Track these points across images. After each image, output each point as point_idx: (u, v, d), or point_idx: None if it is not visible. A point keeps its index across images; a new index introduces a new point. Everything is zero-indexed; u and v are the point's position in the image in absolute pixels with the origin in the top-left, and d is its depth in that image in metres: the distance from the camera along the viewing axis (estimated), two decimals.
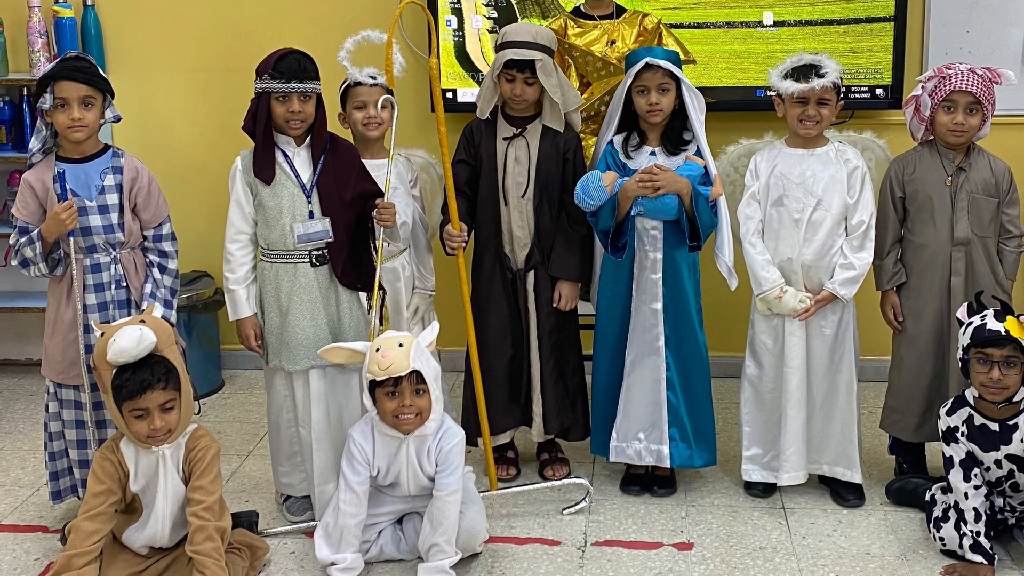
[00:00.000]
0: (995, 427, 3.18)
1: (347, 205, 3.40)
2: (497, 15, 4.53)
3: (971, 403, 3.23)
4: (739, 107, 4.44)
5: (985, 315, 3.15)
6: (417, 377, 3.09)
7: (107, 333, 2.99)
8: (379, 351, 3.08)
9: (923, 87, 3.52)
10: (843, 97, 3.55)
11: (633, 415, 3.63)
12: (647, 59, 3.44)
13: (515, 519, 3.55)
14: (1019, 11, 4.40)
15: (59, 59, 3.30)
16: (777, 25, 4.43)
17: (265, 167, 3.34)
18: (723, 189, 3.54)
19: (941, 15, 4.42)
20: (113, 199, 3.31)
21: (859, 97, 4.44)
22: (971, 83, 3.40)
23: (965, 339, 3.17)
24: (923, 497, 3.42)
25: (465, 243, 3.57)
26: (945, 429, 3.26)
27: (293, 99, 3.27)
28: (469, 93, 4.54)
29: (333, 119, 3.53)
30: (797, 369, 3.54)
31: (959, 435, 3.22)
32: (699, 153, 3.52)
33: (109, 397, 3.01)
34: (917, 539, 3.38)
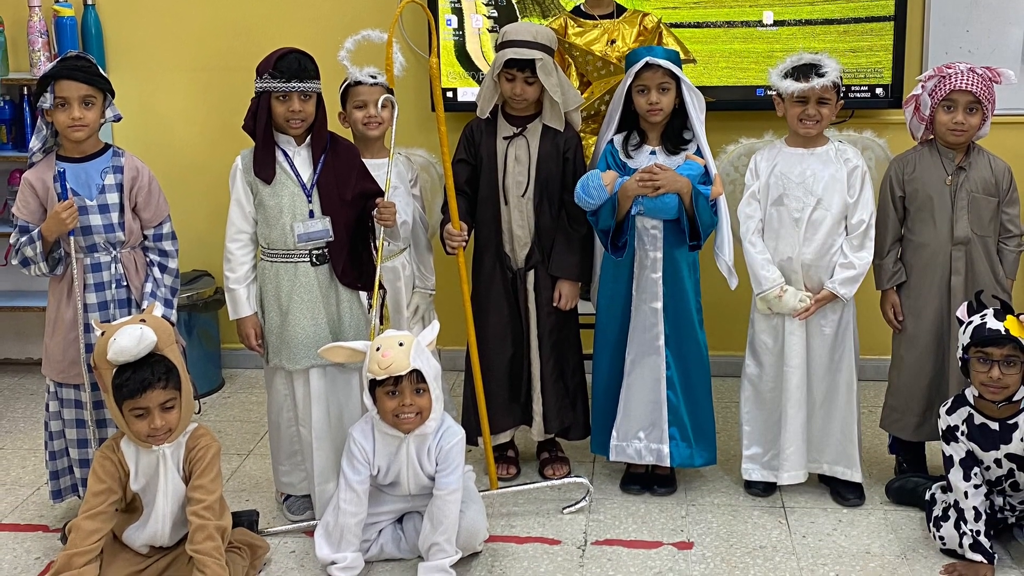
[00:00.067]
0: (995, 426, 3.18)
1: (347, 204, 3.40)
2: (497, 14, 4.53)
3: (971, 402, 3.23)
4: (739, 106, 4.44)
5: (985, 314, 3.15)
6: (417, 376, 3.09)
7: (107, 332, 2.99)
8: (379, 350, 3.08)
9: (923, 86, 3.52)
10: (843, 96, 3.55)
11: (633, 414, 3.63)
12: (647, 58, 3.44)
13: (515, 518, 3.55)
14: (1019, 10, 4.40)
15: (59, 58, 3.30)
16: (777, 24, 4.43)
17: (265, 166, 3.34)
18: (723, 188, 3.54)
19: (941, 14, 4.42)
20: (113, 198, 3.31)
21: (859, 96, 4.44)
22: (971, 82, 3.40)
23: (965, 338, 3.17)
24: (923, 496, 3.42)
25: (465, 242, 3.57)
26: (945, 428, 3.26)
27: (293, 98, 3.27)
28: (469, 92, 4.54)
29: (333, 118, 3.53)
30: (797, 368, 3.54)
31: (959, 434, 3.22)
32: (699, 152, 3.52)
33: (109, 396, 3.01)
34: (917, 538, 3.38)
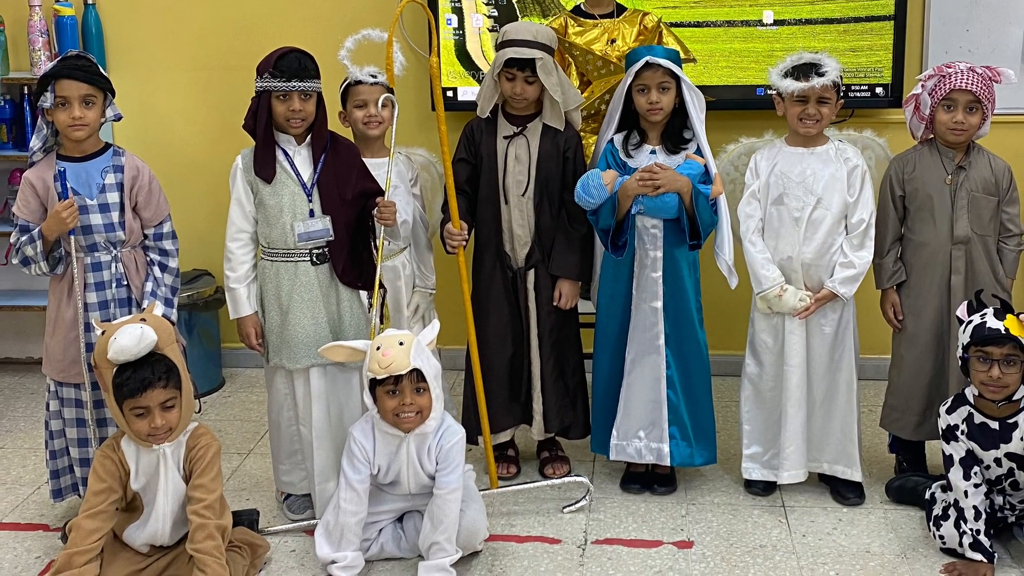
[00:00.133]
0: (995, 425, 3.18)
1: (347, 204, 3.40)
2: (497, 14, 4.53)
3: (971, 401, 3.23)
4: (739, 106, 4.44)
5: (985, 313, 3.15)
6: (417, 375, 3.09)
7: (108, 331, 2.99)
8: (379, 349, 3.09)
9: (923, 86, 3.53)
10: (843, 96, 3.55)
11: (633, 413, 3.63)
12: (647, 58, 3.44)
13: (515, 517, 3.55)
14: (1019, 10, 4.40)
15: (60, 58, 3.30)
16: (777, 24, 4.43)
17: (266, 166, 3.34)
18: (723, 188, 3.54)
19: (941, 14, 4.42)
20: (114, 198, 3.31)
21: (859, 96, 4.44)
22: (971, 82, 3.40)
23: (965, 337, 3.17)
24: (923, 495, 3.42)
25: (465, 242, 3.57)
26: (945, 427, 3.26)
27: (294, 98, 3.27)
28: (469, 92, 4.54)
29: (334, 118, 3.53)
30: (797, 367, 3.54)
31: (959, 433, 3.22)
32: (699, 152, 3.52)
33: (110, 395, 3.01)
34: (917, 537, 3.38)
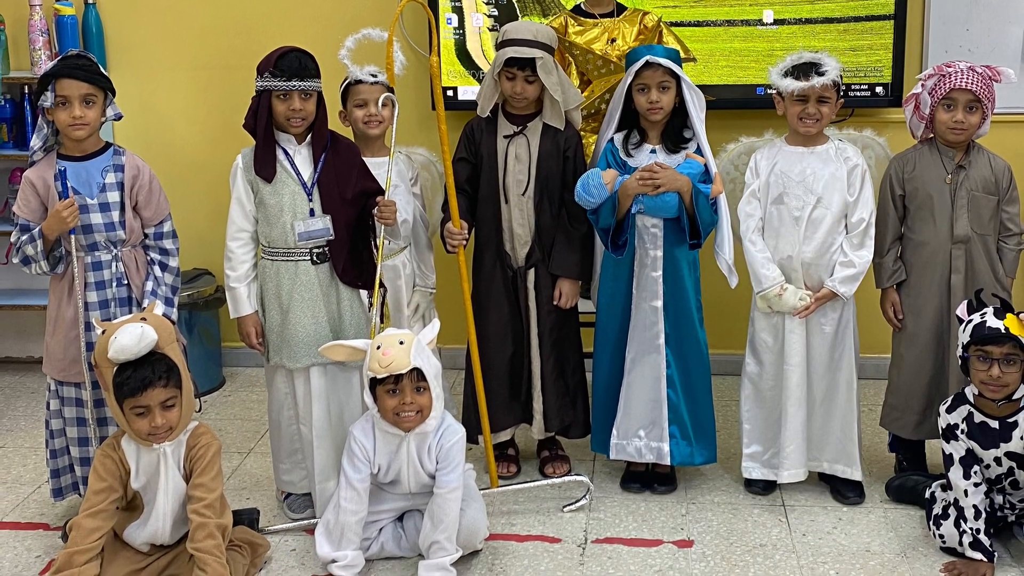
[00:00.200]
0: (995, 425, 3.18)
1: (348, 203, 3.41)
2: (498, 13, 4.53)
3: (971, 401, 3.23)
4: (739, 105, 4.44)
5: (985, 313, 3.15)
6: (418, 375, 3.09)
7: (108, 331, 2.99)
8: (380, 349, 3.09)
9: (923, 85, 3.53)
10: (843, 95, 3.55)
11: (633, 412, 3.63)
12: (647, 57, 3.44)
13: (516, 516, 3.55)
14: (1019, 9, 4.40)
15: (60, 57, 3.30)
16: (777, 23, 4.43)
17: (266, 165, 3.34)
18: (723, 187, 3.54)
19: (941, 13, 4.42)
20: (114, 197, 3.31)
21: (859, 95, 4.44)
22: (971, 81, 3.40)
23: (965, 337, 3.17)
24: (923, 494, 3.42)
25: (466, 241, 3.57)
26: (945, 427, 3.26)
27: (294, 97, 3.28)
28: (470, 91, 4.54)
29: (334, 117, 3.53)
30: (797, 367, 3.54)
31: (959, 432, 3.23)
32: (699, 151, 3.52)
33: (110, 395, 3.01)
34: (917, 536, 3.38)
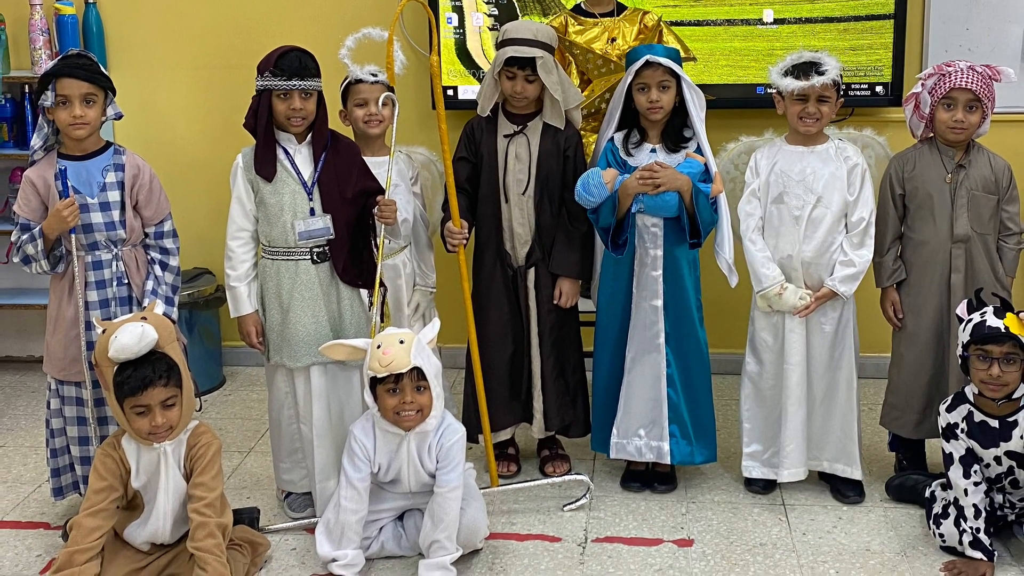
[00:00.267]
0: (995, 424, 3.19)
1: (348, 202, 3.41)
2: (498, 12, 4.53)
3: (971, 400, 3.23)
4: (739, 104, 4.45)
5: (985, 312, 3.15)
6: (418, 374, 3.09)
7: (108, 330, 3.00)
8: (380, 348, 3.09)
9: (923, 84, 3.53)
10: (843, 94, 3.55)
11: (633, 412, 3.63)
12: (647, 56, 3.44)
13: (516, 515, 3.55)
14: (1019, 8, 4.40)
15: (61, 56, 3.30)
16: (777, 23, 4.43)
17: (266, 164, 3.34)
18: (723, 186, 3.54)
19: (941, 12, 4.42)
20: (115, 196, 3.31)
21: (859, 94, 4.44)
22: (971, 80, 3.40)
23: (965, 336, 3.17)
24: (923, 494, 3.43)
25: (466, 240, 3.57)
26: (945, 426, 3.26)
27: (294, 96, 3.28)
28: (470, 90, 4.54)
29: (334, 116, 3.54)
30: (797, 366, 3.54)
31: (959, 432, 3.23)
32: (699, 150, 3.52)
33: (111, 394, 3.01)
34: (917, 535, 3.38)
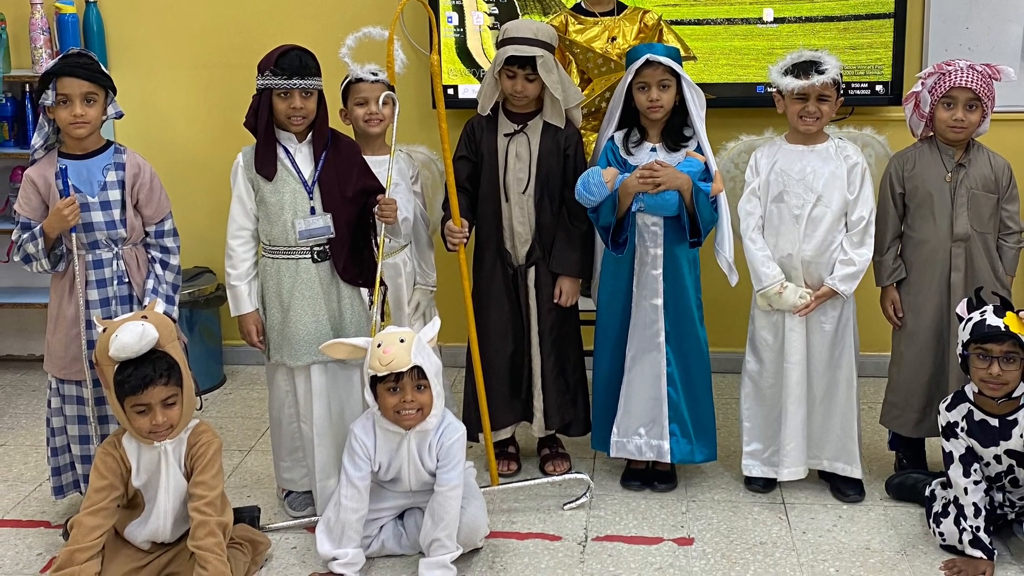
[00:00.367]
0: (995, 423, 3.19)
1: (348, 201, 3.41)
2: (498, 11, 4.53)
3: (971, 399, 3.23)
4: (739, 103, 4.45)
5: (985, 311, 3.15)
6: (418, 373, 3.10)
7: (109, 329, 3.00)
8: (380, 347, 3.09)
9: (923, 83, 3.53)
10: (843, 93, 3.56)
11: (634, 411, 3.63)
12: (647, 55, 3.44)
13: (516, 514, 3.55)
14: (1018, 7, 4.40)
15: (61, 55, 3.30)
16: (777, 22, 4.43)
17: (267, 163, 3.35)
18: (723, 185, 3.54)
19: (941, 11, 4.42)
20: (115, 195, 3.32)
21: (859, 93, 4.44)
22: (971, 79, 3.41)
23: (965, 335, 3.18)
24: (923, 492, 3.43)
25: (466, 239, 3.58)
26: (945, 425, 3.27)
27: (295, 95, 3.28)
28: (470, 89, 4.54)
29: (335, 115, 3.54)
30: (797, 365, 3.55)
31: (959, 430, 3.23)
32: (699, 149, 3.52)
33: (111, 393, 3.01)
34: (917, 534, 3.38)
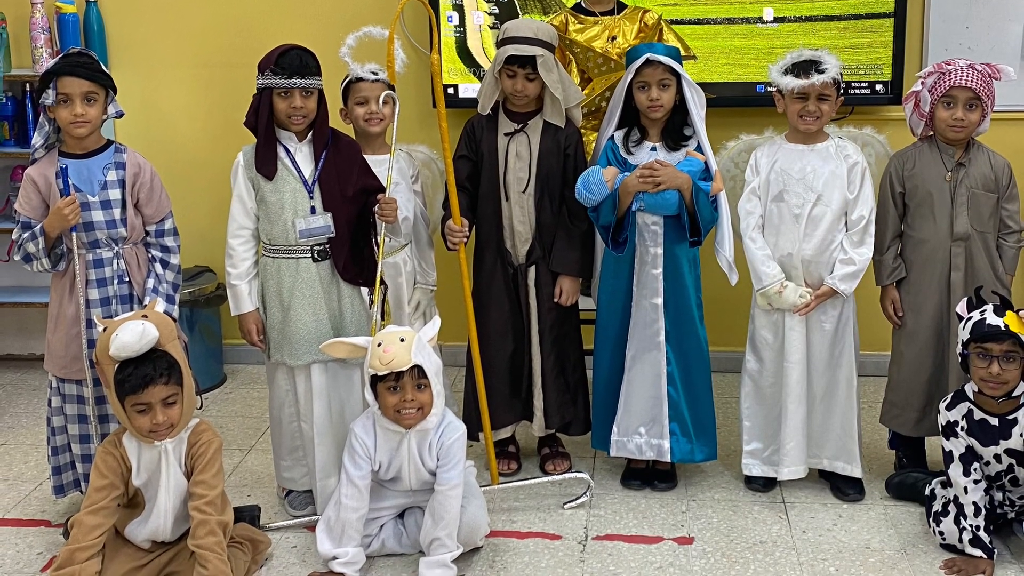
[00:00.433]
0: (994, 422, 3.19)
1: (349, 200, 3.41)
2: (498, 11, 4.53)
3: (971, 398, 3.23)
4: (739, 103, 4.45)
5: (985, 310, 3.15)
6: (418, 372, 3.10)
7: (109, 328, 3.00)
8: (381, 346, 3.09)
9: (923, 83, 3.53)
10: (843, 93, 3.56)
11: (634, 410, 3.64)
12: (648, 55, 3.44)
13: (516, 513, 3.56)
14: (1018, 7, 4.40)
15: (62, 55, 3.30)
16: (777, 21, 4.44)
17: (267, 162, 3.35)
18: (723, 184, 3.55)
19: (941, 11, 4.42)
20: (115, 194, 3.32)
21: (859, 93, 4.44)
22: (971, 79, 3.41)
23: (965, 334, 3.18)
24: (923, 491, 3.43)
25: (466, 238, 3.58)
26: (945, 424, 3.27)
27: (295, 95, 3.28)
28: (470, 89, 4.54)
29: (335, 115, 3.54)
30: (797, 364, 3.55)
31: (959, 429, 3.23)
32: (699, 149, 3.53)
33: (111, 392, 3.01)
34: (917, 533, 3.39)
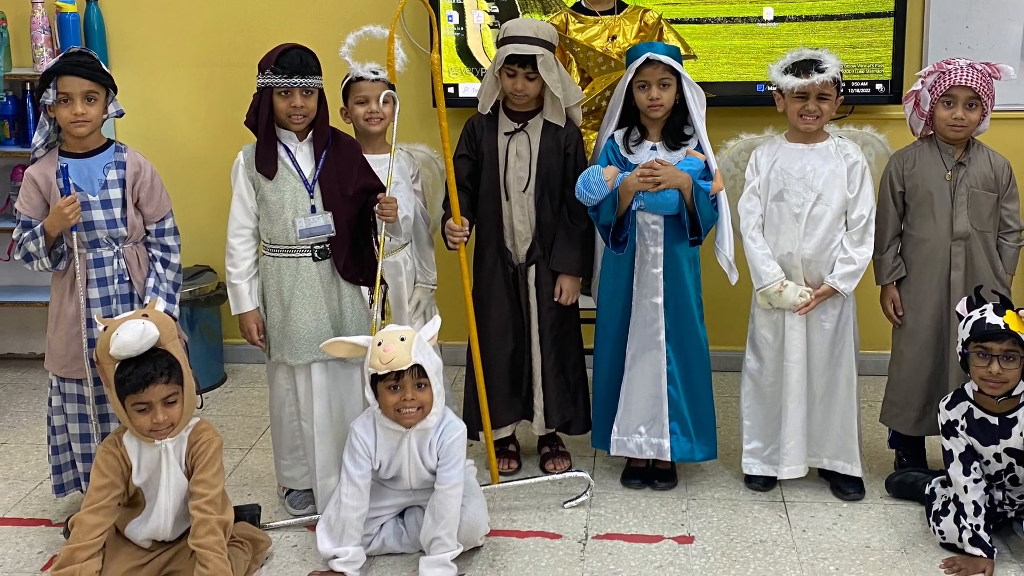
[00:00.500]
0: (994, 421, 3.19)
1: (349, 200, 3.41)
2: (499, 10, 4.53)
3: (971, 397, 3.23)
4: (739, 102, 4.45)
5: (984, 309, 3.16)
6: (419, 371, 3.10)
7: (110, 327, 3.00)
8: (381, 345, 3.09)
9: (923, 82, 3.53)
10: (843, 92, 3.56)
11: (634, 409, 3.64)
12: (648, 54, 3.44)
13: (516, 512, 3.56)
14: (1018, 6, 4.40)
15: (62, 54, 3.30)
16: (777, 20, 4.44)
17: (267, 162, 3.35)
18: (723, 184, 3.55)
19: (940, 10, 4.42)
20: (116, 194, 3.32)
21: (859, 92, 4.45)
22: (971, 78, 3.41)
23: (964, 333, 3.18)
24: (923, 491, 3.43)
25: (467, 237, 3.58)
26: (945, 423, 3.27)
27: (295, 94, 3.28)
28: (470, 88, 4.55)
29: (335, 114, 3.54)
30: (797, 363, 3.55)
31: (959, 429, 3.23)
32: (700, 148, 3.53)
33: (112, 391, 3.02)
34: (917, 532, 3.39)
